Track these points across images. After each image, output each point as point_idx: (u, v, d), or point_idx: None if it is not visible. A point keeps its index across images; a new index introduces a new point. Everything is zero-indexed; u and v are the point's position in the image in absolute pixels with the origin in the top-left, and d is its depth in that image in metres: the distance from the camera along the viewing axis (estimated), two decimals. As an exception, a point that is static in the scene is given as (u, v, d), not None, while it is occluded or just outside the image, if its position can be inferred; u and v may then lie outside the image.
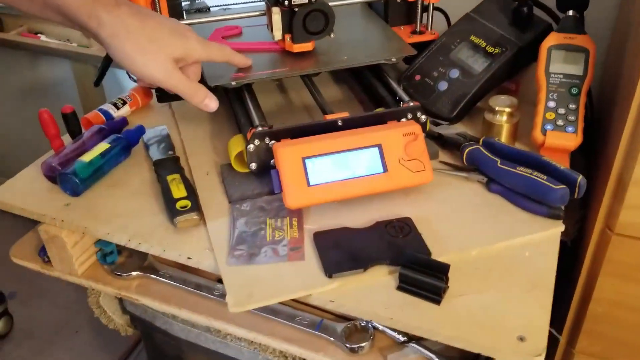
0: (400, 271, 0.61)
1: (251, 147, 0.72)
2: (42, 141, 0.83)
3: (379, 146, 0.71)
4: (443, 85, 0.87)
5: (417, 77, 0.90)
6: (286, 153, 0.69)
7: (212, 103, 0.73)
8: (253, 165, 0.74)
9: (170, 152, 0.83)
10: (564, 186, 0.67)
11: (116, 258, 0.78)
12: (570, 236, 0.82)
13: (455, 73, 0.87)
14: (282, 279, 0.63)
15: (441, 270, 0.60)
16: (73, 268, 0.76)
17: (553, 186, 0.67)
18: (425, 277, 0.60)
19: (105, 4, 0.62)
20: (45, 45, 1.54)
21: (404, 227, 0.68)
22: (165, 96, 0.86)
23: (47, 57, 1.63)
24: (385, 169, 0.70)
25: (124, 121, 0.88)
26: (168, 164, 0.79)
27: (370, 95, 0.88)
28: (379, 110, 0.81)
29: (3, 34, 1.59)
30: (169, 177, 0.75)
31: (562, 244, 0.69)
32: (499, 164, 0.72)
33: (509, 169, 0.71)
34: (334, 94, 0.96)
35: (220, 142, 0.85)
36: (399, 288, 0.62)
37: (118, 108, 0.91)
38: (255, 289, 0.62)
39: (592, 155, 0.88)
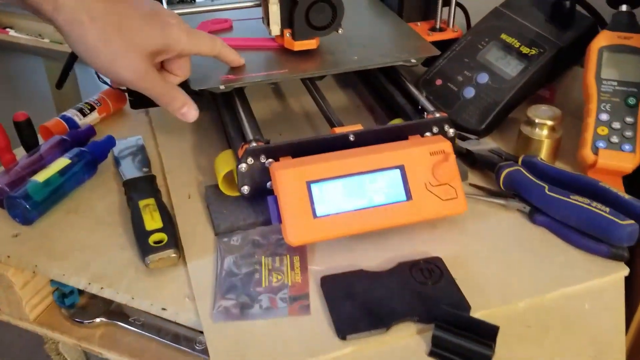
0: (434, 332, 0.48)
1: (243, 166, 0.59)
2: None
3: (401, 168, 0.58)
4: (469, 92, 0.74)
5: (438, 82, 0.77)
6: (287, 176, 0.56)
7: (190, 112, 0.59)
8: (245, 189, 0.60)
9: (145, 169, 0.69)
10: (633, 222, 0.54)
11: (77, 299, 0.64)
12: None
13: (483, 77, 0.74)
14: (282, 341, 0.49)
15: (487, 334, 0.47)
16: (23, 313, 0.62)
17: (619, 221, 0.54)
18: (466, 342, 0.47)
19: None
20: (15, 41, 1.40)
21: (433, 271, 0.54)
22: (141, 102, 0.73)
23: (18, 54, 1.48)
24: (408, 197, 0.57)
25: (90, 131, 0.74)
26: (141, 185, 0.65)
27: (384, 103, 0.75)
28: (397, 121, 0.68)
29: (-33, 27, 1.44)
30: (142, 203, 0.61)
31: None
32: (547, 191, 0.59)
33: (561, 197, 0.58)
34: (339, 101, 0.82)
35: (205, 158, 0.71)
36: (432, 354, 0.48)
37: (84, 115, 0.77)
38: (248, 354, 0.48)
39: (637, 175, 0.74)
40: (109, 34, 0.51)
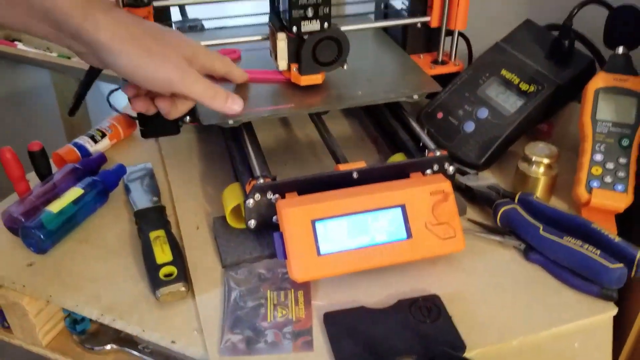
0: (431, 372, 0.50)
1: (250, 202, 0.61)
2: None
3: (402, 207, 0.60)
4: (470, 126, 0.77)
5: (440, 115, 0.79)
6: (293, 215, 0.58)
7: (235, 104, 0.62)
8: (252, 223, 0.62)
9: (154, 199, 0.71)
10: (622, 265, 0.56)
11: (88, 326, 0.66)
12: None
13: (483, 113, 0.76)
14: (286, 376, 0.52)
15: (482, 375, 0.49)
16: (36, 338, 0.65)
17: (609, 265, 0.56)
18: (461, 382, 0.49)
19: (99, 6, 0.53)
20: (23, 54, 1.42)
21: (431, 309, 0.57)
22: (151, 131, 0.75)
23: (26, 66, 1.50)
24: (409, 235, 0.60)
25: (101, 158, 0.76)
26: (152, 216, 0.67)
27: (387, 137, 0.77)
28: (399, 156, 0.70)
29: (-24, 39, 1.46)
30: (152, 235, 0.64)
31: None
32: (541, 231, 0.61)
33: (554, 238, 0.60)
34: (344, 131, 0.85)
35: (212, 187, 0.74)
36: (429, 392, 0.51)
37: (96, 142, 0.79)
38: (254, 390, 0.51)
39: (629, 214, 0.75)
40: (147, 44, 0.55)
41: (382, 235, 0.59)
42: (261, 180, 0.62)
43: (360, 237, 0.59)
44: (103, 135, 0.80)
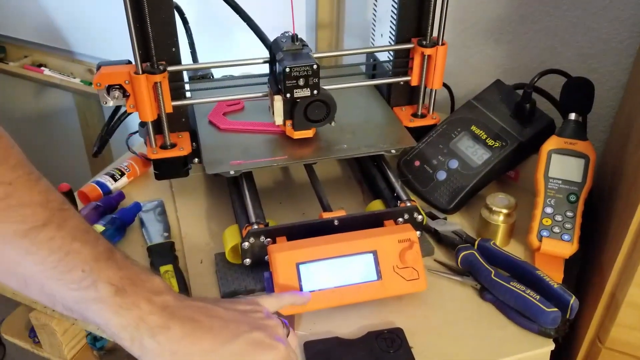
0: (388, 396, 0.61)
1: (246, 244, 0.72)
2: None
3: (374, 252, 0.71)
4: (442, 175, 0.87)
5: (417, 163, 0.90)
6: (281, 258, 0.69)
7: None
8: (247, 261, 0.73)
9: (165, 234, 0.82)
10: (556, 309, 0.67)
11: (106, 342, 0.78)
12: (561, 333, 0.81)
13: (454, 163, 0.87)
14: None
15: (429, 400, 0.60)
16: (62, 353, 0.76)
17: (545, 309, 0.67)
18: (412, 406, 0.60)
19: (152, 325, 0.51)
20: (49, 79, 1.54)
21: (395, 340, 0.68)
22: (163, 174, 0.86)
23: (51, 88, 1.62)
24: (379, 277, 0.70)
25: (120, 196, 0.88)
26: (163, 251, 0.78)
27: (368, 183, 0.88)
28: (377, 203, 0.81)
29: (6, 65, 1.58)
30: (162, 269, 0.75)
31: (555, 340, 0.69)
32: (492, 276, 0.72)
33: (502, 282, 0.71)
34: (334, 171, 0.96)
35: (215, 224, 0.85)
36: (386, 412, 0.62)
37: (115, 180, 0.90)
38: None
39: (586, 259, 0.86)
40: None
41: (356, 277, 0.70)
42: (255, 226, 0.73)
43: (337, 277, 0.70)
44: (122, 174, 0.91)
